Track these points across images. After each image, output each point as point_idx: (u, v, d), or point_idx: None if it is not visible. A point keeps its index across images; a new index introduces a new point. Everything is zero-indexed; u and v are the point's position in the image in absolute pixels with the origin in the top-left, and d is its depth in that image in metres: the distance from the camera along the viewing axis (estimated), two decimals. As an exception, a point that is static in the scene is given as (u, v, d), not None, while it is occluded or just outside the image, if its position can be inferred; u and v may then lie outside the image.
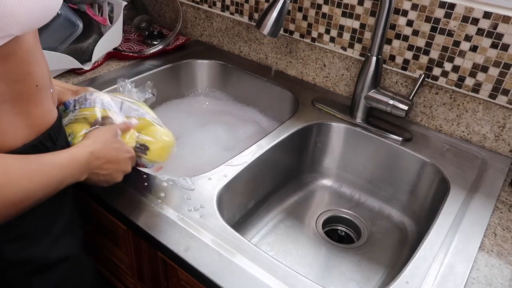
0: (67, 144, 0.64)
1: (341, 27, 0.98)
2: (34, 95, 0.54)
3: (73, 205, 0.66)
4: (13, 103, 0.51)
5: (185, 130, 1.05)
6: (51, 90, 0.60)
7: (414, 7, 0.86)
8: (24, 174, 0.48)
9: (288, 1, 0.84)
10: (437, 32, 0.85)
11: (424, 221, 0.84)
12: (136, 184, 0.72)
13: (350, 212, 0.93)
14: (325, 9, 0.99)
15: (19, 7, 0.42)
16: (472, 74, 0.85)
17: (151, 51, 1.18)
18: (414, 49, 0.90)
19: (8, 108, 0.50)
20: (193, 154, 0.98)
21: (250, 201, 0.88)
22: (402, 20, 0.89)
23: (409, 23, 0.88)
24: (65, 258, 0.63)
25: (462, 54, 0.84)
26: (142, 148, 0.67)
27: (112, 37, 1.08)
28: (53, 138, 0.58)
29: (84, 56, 1.04)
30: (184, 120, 1.10)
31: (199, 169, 0.78)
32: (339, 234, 0.92)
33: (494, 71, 0.82)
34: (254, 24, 1.13)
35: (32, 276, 0.60)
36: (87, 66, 1.04)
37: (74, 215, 0.66)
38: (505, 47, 0.79)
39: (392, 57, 0.93)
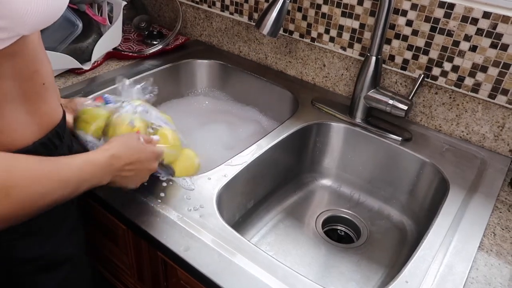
0: (71, 142, 0.64)
1: (341, 27, 0.98)
2: (42, 93, 0.55)
3: (79, 204, 0.67)
4: (23, 101, 0.52)
5: (185, 129, 1.05)
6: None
7: (414, 7, 0.86)
8: (39, 175, 0.48)
9: (288, 1, 0.84)
10: (437, 32, 0.85)
11: (424, 221, 0.84)
12: (135, 184, 0.72)
13: (349, 212, 0.93)
14: (325, 9, 0.99)
15: (29, 9, 0.43)
16: (472, 74, 0.85)
17: (150, 51, 1.18)
18: (414, 49, 0.90)
19: (19, 107, 0.51)
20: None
21: (249, 201, 0.88)
22: (401, 20, 0.89)
23: (409, 23, 0.88)
24: (70, 257, 0.64)
25: (461, 54, 0.85)
26: (167, 169, 0.70)
27: (111, 37, 1.08)
28: (60, 136, 0.59)
29: (83, 56, 1.04)
30: (184, 119, 1.10)
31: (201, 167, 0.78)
32: (338, 234, 0.92)
33: (493, 71, 0.82)
34: (254, 24, 1.13)
35: (38, 274, 0.60)
36: (86, 66, 1.04)
37: (79, 215, 0.67)
38: (504, 47, 0.79)
39: (392, 57, 0.93)
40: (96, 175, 0.56)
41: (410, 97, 0.89)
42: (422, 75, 0.89)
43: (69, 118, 0.71)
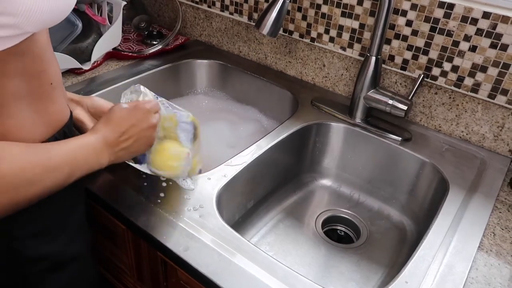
0: None
1: (341, 27, 0.98)
2: (50, 93, 0.55)
3: (85, 203, 0.67)
4: (31, 100, 0.52)
5: None
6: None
7: (414, 7, 0.86)
8: (28, 163, 0.48)
9: (288, 1, 0.84)
10: (436, 32, 0.85)
11: (423, 221, 0.84)
12: (135, 184, 0.72)
13: (349, 212, 0.93)
14: (325, 9, 0.99)
15: (35, 6, 0.43)
16: (471, 74, 0.85)
17: (150, 51, 1.18)
18: (414, 49, 0.90)
19: (27, 106, 0.51)
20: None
21: (249, 201, 0.88)
22: (401, 20, 0.89)
23: (409, 23, 0.88)
24: (77, 257, 0.65)
25: (461, 54, 0.85)
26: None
27: (111, 37, 1.08)
28: (67, 136, 0.59)
29: (83, 56, 1.04)
30: None
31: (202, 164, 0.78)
32: (338, 234, 0.92)
33: (493, 71, 0.82)
34: (254, 24, 1.13)
35: (46, 273, 0.60)
36: (86, 66, 1.04)
37: (85, 214, 0.67)
38: (504, 47, 0.80)
39: (392, 57, 0.93)
40: (91, 159, 0.55)
41: (409, 97, 0.89)
42: (422, 75, 0.89)
43: (81, 113, 0.71)
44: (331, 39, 1.01)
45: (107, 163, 0.58)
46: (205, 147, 0.99)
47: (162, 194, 0.70)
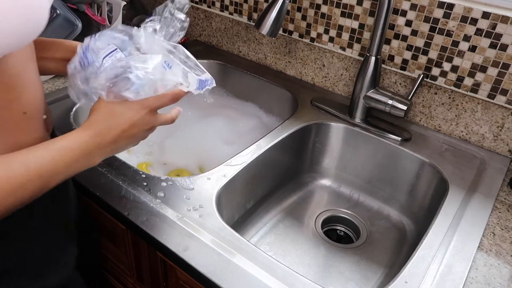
0: None
1: (340, 27, 0.98)
2: (22, 124, 0.49)
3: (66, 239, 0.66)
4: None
5: (184, 123, 1.05)
6: (44, 116, 0.55)
7: (413, 7, 0.86)
8: (3, 175, 0.43)
9: (287, 1, 0.84)
10: (436, 32, 0.85)
11: (423, 221, 0.84)
12: (135, 184, 0.72)
13: (349, 212, 0.93)
14: (324, 9, 0.99)
15: None
16: (471, 74, 0.85)
17: (150, 51, 1.17)
18: (413, 49, 0.90)
19: None
20: (193, 147, 0.97)
21: (249, 201, 0.88)
22: (401, 20, 0.89)
23: (408, 23, 0.88)
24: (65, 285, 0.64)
25: (461, 54, 0.85)
26: None
27: (111, 37, 1.08)
28: None
29: (83, 56, 1.03)
30: (183, 113, 1.09)
31: (200, 162, 0.78)
32: (338, 234, 0.92)
33: (492, 71, 0.82)
34: (253, 24, 1.13)
35: None
36: (86, 66, 1.04)
37: (66, 246, 0.66)
38: (503, 47, 0.80)
39: (391, 57, 0.93)
40: (79, 161, 0.48)
41: (409, 97, 0.89)
42: (422, 75, 0.89)
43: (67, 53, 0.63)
44: (331, 39, 1.01)
45: (100, 161, 0.52)
46: (204, 143, 0.99)
47: (162, 194, 0.70)
